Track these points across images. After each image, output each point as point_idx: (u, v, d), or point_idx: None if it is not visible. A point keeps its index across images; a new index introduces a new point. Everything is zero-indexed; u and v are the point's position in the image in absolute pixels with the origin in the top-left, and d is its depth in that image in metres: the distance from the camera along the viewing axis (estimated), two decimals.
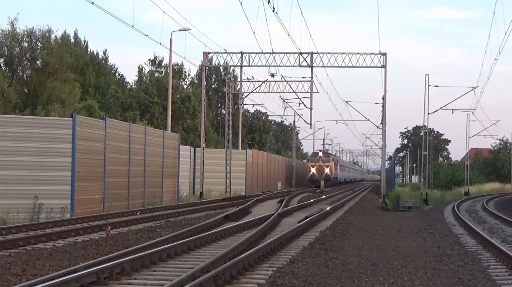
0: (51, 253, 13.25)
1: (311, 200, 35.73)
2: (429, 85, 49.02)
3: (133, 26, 29.79)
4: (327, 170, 65.00)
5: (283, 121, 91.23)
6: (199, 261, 12.20)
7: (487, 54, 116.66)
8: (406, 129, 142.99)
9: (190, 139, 60.82)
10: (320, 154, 67.77)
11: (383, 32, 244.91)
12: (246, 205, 28.43)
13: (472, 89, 48.34)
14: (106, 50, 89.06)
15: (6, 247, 14.11)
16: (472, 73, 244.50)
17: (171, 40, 40.66)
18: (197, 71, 79.04)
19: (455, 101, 69.22)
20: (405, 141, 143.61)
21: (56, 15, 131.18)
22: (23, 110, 45.54)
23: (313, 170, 65.47)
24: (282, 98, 53.47)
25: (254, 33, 43.90)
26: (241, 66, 42.73)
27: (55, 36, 52.66)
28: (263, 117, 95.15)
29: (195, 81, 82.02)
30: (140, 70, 77.61)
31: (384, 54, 40.14)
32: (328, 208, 26.77)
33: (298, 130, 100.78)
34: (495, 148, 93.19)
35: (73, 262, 12.18)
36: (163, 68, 74.62)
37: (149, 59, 75.69)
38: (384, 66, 40.19)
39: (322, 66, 40.63)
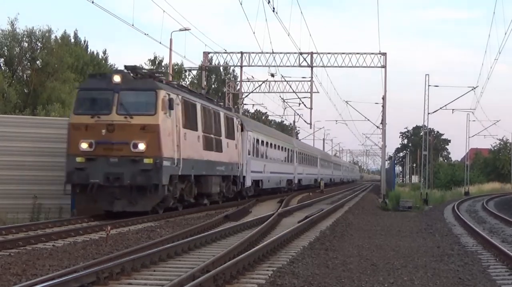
0: (51, 253, 13.23)
1: (311, 200, 35.73)
2: (429, 85, 49.24)
3: (133, 25, 29.86)
4: (140, 145, 19.67)
5: (283, 121, 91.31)
6: (199, 261, 12.18)
7: (487, 54, 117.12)
8: (406, 129, 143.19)
9: None
10: (117, 79, 19.77)
11: (383, 32, 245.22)
12: (246, 205, 28.41)
13: (472, 89, 48.51)
14: (106, 50, 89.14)
15: (6, 247, 14.08)
16: (472, 73, 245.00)
17: (171, 40, 40.64)
18: (197, 71, 79.10)
19: (455, 101, 69.52)
20: (405, 141, 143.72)
21: (56, 15, 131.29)
22: (23, 110, 45.58)
23: (82, 146, 20.11)
24: (282, 98, 53.48)
25: (254, 33, 44.18)
26: (241, 66, 42.84)
27: (55, 36, 52.80)
28: (263, 117, 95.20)
29: (195, 81, 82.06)
30: None
31: (384, 54, 40.19)
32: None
33: (298, 130, 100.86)
34: (495, 148, 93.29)
35: (73, 262, 12.16)
36: (163, 68, 74.68)
37: (149, 59, 75.92)
38: (384, 66, 40.23)
39: (322, 66, 40.75)
